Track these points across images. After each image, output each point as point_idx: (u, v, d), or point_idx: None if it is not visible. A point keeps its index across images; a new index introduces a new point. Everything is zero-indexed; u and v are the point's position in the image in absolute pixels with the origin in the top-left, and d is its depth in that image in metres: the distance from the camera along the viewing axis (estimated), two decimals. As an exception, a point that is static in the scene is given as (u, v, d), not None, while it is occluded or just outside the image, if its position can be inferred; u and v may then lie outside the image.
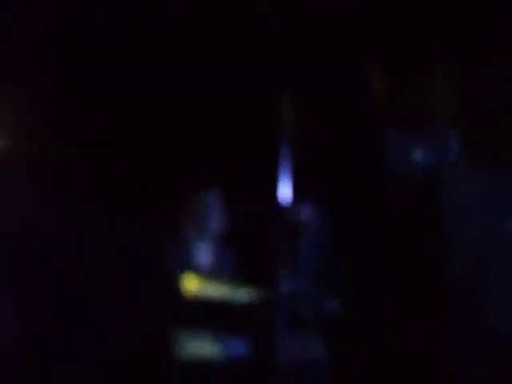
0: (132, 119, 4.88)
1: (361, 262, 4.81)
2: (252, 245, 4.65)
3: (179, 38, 4.84)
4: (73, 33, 4.66)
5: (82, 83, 4.70)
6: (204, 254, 4.48)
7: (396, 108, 4.67)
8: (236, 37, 4.83)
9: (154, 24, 4.72)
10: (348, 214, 4.92)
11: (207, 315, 4.23)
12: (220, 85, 4.85)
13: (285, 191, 4.39)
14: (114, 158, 4.85)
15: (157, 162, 4.91)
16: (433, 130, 4.55)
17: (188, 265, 4.34)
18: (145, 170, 4.89)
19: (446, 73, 4.76)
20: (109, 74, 4.72)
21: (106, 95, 4.76)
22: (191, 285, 4.14)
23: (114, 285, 4.78)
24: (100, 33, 4.66)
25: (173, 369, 4.17)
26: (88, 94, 4.75)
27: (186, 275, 4.17)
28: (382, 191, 4.85)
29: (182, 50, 4.83)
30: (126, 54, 4.74)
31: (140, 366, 4.45)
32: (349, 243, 4.75)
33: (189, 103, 4.90)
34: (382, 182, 4.51)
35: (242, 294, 4.25)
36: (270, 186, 4.39)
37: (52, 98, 4.69)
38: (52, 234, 4.77)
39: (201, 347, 4.17)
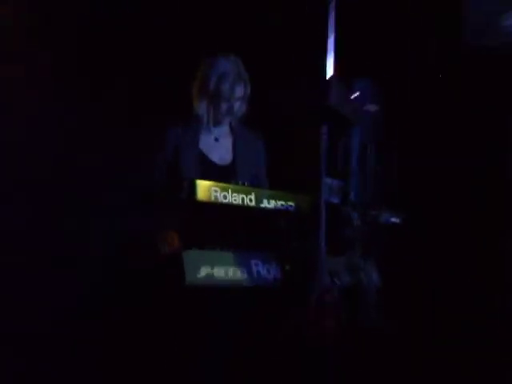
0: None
1: (425, 169, 4.20)
2: (287, 136, 3.84)
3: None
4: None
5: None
6: (223, 145, 3.66)
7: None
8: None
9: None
10: (412, 110, 4.25)
11: (227, 228, 3.34)
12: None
13: (332, 73, 3.30)
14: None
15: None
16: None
17: (200, 161, 3.56)
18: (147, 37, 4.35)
19: None
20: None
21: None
22: (204, 189, 3.17)
23: (112, 190, 4.32)
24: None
25: (183, 296, 3.32)
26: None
27: (196, 175, 3.30)
28: (457, 70, 4.05)
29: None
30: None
31: (144, 291, 3.69)
32: (411, 146, 4.09)
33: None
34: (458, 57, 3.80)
35: (273, 202, 3.31)
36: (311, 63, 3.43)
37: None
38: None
39: (218, 269, 3.25)
